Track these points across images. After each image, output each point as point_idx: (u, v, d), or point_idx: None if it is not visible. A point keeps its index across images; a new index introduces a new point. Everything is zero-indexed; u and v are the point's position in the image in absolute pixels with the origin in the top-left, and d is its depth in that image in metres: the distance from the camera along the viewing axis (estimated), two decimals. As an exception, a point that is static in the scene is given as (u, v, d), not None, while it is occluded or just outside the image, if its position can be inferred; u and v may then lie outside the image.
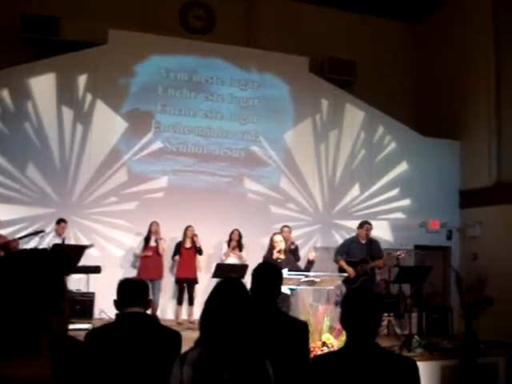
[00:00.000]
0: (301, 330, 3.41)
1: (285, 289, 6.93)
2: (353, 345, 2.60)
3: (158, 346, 3.03)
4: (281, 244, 7.40)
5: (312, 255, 7.63)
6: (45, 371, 1.91)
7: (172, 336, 3.22)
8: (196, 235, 10.45)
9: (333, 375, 2.51)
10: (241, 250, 10.50)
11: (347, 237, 11.37)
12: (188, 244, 10.47)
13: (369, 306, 2.62)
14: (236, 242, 10.50)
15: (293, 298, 7.30)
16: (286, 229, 9.79)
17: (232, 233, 10.54)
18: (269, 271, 3.50)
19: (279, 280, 3.51)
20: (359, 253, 9.20)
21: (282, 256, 7.36)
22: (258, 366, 2.48)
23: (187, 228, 10.46)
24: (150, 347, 3.05)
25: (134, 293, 3.23)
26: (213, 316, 2.55)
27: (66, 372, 1.96)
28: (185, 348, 2.78)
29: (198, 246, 10.45)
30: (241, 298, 2.60)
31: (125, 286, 3.26)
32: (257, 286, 3.40)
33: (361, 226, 9.48)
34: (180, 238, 10.57)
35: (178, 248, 10.47)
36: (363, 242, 9.41)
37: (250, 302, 2.64)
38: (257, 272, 3.49)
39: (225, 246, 10.59)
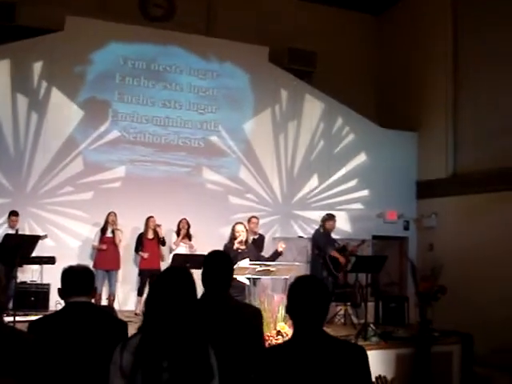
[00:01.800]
0: (254, 316, 3.39)
1: (242, 278, 6.92)
2: (301, 334, 2.57)
3: (102, 336, 2.97)
4: (242, 234, 7.34)
5: (282, 247, 7.59)
6: None
7: (117, 325, 3.15)
8: (159, 225, 10.36)
9: (282, 366, 2.47)
10: (190, 240, 10.43)
11: (306, 227, 11.50)
12: (150, 235, 10.36)
13: (315, 295, 2.58)
14: (185, 231, 10.43)
15: (253, 287, 7.28)
16: (254, 219, 9.72)
17: (180, 222, 10.45)
18: (219, 259, 3.47)
19: (230, 268, 3.48)
20: (328, 243, 9.39)
21: (243, 246, 7.31)
22: (199, 354, 2.46)
23: (148, 219, 10.35)
24: (93, 337, 2.98)
25: (78, 281, 3.16)
26: (154, 303, 2.53)
27: (5, 360, 1.92)
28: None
29: (161, 236, 10.37)
30: (183, 286, 2.57)
31: (69, 275, 3.19)
32: (208, 274, 3.37)
33: (330, 218, 9.64)
34: (136, 228, 10.51)
35: (141, 240, 10.36)
36: (323, 232, 9.58)
37: (194, 290, 2.61)
38: (207, 260, 3.46)
39: (174, 235, 10.50)
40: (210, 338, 2.56)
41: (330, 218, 9.71)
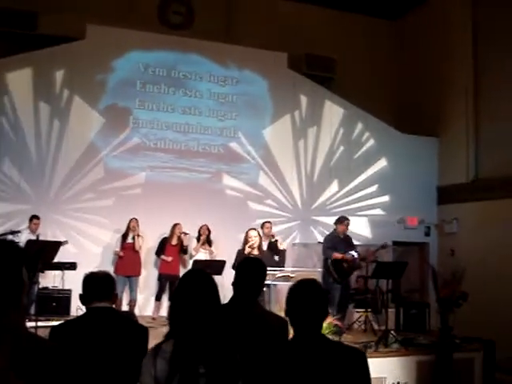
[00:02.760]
0: (280, 325, 3.38)
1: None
2: (299, 337, 2.58)
3: (123, 341, 3.00)
4: (255, 239, 7.38)
5: (284, 245, 7.61)
6: (2, 363, 1.88)
7: (138, 331, 3.18)
8: (186, 233, 10.40)
9: (281, 369, 2.50)
10: (210, 246, 10.46)
11: (326, 233, 11.44)
12: (174, 241, 10.41)
13: (313, 299, 2.60)
14: (205, 237, 10.46)
15: (272, 293, 7.30)
16: (267, 224, 9.74)
17: (201, 228, 10.48)
18: (253, 267, 3.48)
19: (263, 275, 3.49)
20: (341, 247, 9.31)
21: (256, 252, 7.32)
22: (230, 358, 2.46)
23: (175, 225, 10.39)
24: (115, 342, 3.01)
25: (99, 287, 3.19)
26: (179, 308, 2.51)
27: (24, 367, 1.93)
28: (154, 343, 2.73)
29: (185, 245, 10.42)
30: (207, 288, 2.57)
31: (90, 281, 3.23)
32: (241, 279, 3.40)
33: (341, 221, 9.60)
34: (157, 234, 10.58)
35: (163, 244, 10.42)
36: (341, 237, 9.54)
37: (217, 292, 2.61)
38: (242, 265, 3.47)
39: (194, 241, 10.54)
40: (235, 342, 2.57)
41: (341, 220, 9.66)
